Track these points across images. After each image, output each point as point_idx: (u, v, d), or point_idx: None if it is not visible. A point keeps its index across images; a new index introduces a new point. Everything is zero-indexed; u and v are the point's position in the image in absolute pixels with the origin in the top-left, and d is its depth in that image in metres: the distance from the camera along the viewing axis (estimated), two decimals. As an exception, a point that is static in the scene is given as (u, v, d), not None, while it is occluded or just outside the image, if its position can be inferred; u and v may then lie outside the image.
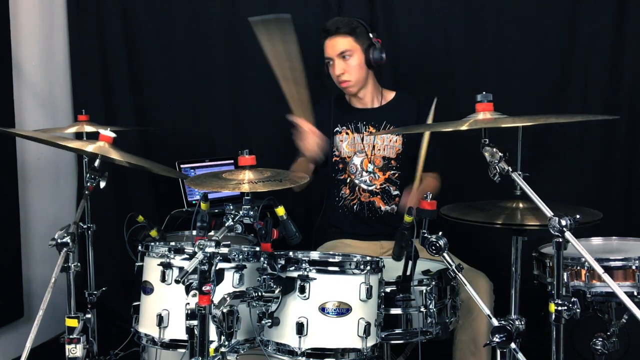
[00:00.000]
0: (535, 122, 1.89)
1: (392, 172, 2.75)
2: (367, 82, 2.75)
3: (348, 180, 2.78)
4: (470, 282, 1.91)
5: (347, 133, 2.79)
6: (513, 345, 1.77)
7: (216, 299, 1.77)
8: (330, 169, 2.80)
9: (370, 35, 2.69)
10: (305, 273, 1.91)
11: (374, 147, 2.76)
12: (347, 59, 2.67)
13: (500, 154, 1.80)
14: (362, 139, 2.77)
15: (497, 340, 1.75)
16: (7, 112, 3.15)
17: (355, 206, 2.77)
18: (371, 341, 1.95)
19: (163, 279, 2.06)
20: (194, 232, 2.07)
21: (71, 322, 1.97)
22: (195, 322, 1.74)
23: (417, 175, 2.50)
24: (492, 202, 2.10)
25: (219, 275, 1.81)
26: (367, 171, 2.75)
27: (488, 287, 2.44)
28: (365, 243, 2.73)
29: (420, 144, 2.50)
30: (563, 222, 1.67)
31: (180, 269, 1.90)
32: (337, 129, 2.80)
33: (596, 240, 2.52)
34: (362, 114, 2.80)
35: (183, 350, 2.01)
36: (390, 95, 2.84)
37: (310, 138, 2.54)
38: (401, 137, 2.75)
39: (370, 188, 2.76)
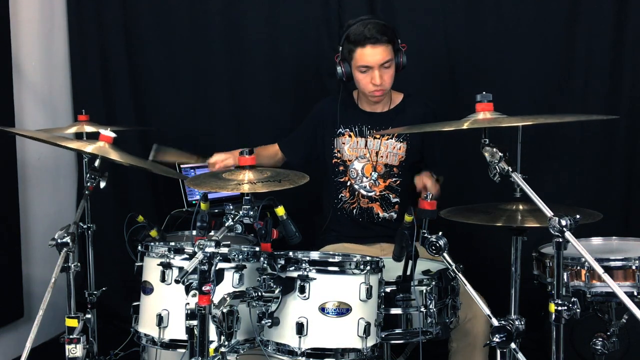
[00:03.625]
0: (535, 122, 1.89)
1: (393, 179, 2.71)
2: None
3: (348, 184, 2.75)
4: (470, 307, 1.86)
5: (349, 136, 2.75)
6: (513, 345, 1.77)
7: (216, 299, 1.77)
8: (329, 170, 2.78)
9: (399, 40, 2.62)
10: (305, 273, 1.90)
11: (377, 153, 2.71)
12: (387, 68, 2.58)
13: (500, 154, 1.80)
14: (366, 144, 2.73)
15: (497, 340, 1.76)
16: (7, 112, 3.15)
17: (354, 210, 2.74)
18: (371, 341, 1.95)
19: (163, 279, 2.06)
20: (194, 232, 2.07)
21: (71, 322, 1.97)
22: (195, 322, 1.74)
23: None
24: (492, 204, 2.10)
25: (219, 275, 1.81)
26: (367, 177, 2.72)
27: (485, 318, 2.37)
28: (365, 247, 2.71)
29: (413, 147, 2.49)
30: (563, 222, 1.67)
31: (180, 269, 1.90)
32: (341, 130, 2.76)
33: (596, 240, 2.52)
34: (368, 118, 2.73)
35: (183, 350, 2.01)
36: (398, 98, 2.77)
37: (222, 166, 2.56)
38: (405, 144, 2.70)
39: (369, 194, 2.73)
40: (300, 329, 1.88)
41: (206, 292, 1.73)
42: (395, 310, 2.05)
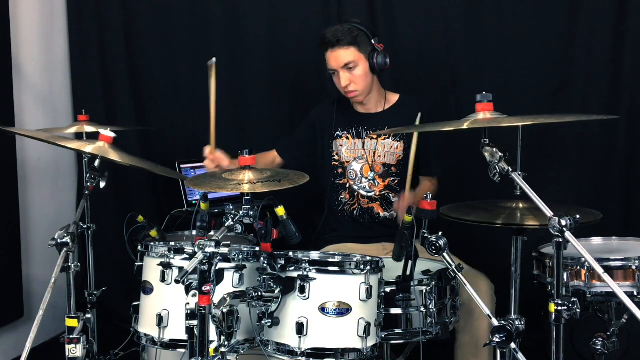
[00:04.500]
0: (535, 122, 1.89)
1: (392, 178, 2.73)
2: (372, 88, 2.71)
3: (347, 186, 2.76)
4: (471, 283, 1.91)
5: (347, 138, 2.76)
6: (513, 345, 1.77)
7: (216, 299, 1.77)
8: (328, 173, 2.79)
9: (372, 41, 2.64)
10: (305, 273, 1.91)
11: (374, 153, 2.73)
12: (352, 70, 2.61)
13: (500, 154, 1.80)
14: (363, 145, 2.74)
15: (497, 340, 1.75)
16: (7, 112, 3.15)
17: (355, 211, 2.76)
18: (371, 341, 1.95)
19: (163, 279, 2.06)
20: (194, 232, 2.07)
21: (71, 322, 1.97)
22: (195, 322, 1.74)
23: (408, 179, 2.45)
24: (492, 202, 2.10)
25: (219, 275, 1.81)
26: (366, 178, 2.73)
27: (489, 289, 2.43)
28: (367, 246, 2.71)
29: (409, 146, 2.50)
30: (563, 222, 1.67)
31: (180, 269, 1.90)
32: (338, 132, 2.78)
33: (596, 240, 2.51)
34: (363, 119, 2.76)
35: (183, 350, 2.01)
36: (393, 98, 2.80)
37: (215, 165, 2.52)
38: (402, 143, 2.72)
39: (369, 194, 2.74)
40: (300, 329, 1.88)
41: (206, 292, 1.73)
42: (395, 310, 2.05)
